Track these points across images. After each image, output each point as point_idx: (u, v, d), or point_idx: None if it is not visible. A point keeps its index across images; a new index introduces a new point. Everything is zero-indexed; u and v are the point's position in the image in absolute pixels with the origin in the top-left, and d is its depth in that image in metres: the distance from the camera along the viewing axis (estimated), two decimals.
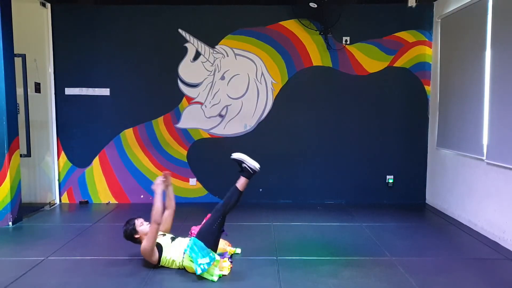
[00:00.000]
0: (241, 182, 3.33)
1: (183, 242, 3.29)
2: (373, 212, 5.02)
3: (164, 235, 3.43)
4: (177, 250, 3.23)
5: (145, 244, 3.16)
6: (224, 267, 3.19)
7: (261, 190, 5.58)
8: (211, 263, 3.02)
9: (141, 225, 3.33)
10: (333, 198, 5.57)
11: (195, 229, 3.43)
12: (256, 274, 3.17)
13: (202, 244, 3.08)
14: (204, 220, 3.35)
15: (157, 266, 3.25)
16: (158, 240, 3.28)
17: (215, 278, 3.01)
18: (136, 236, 3.30)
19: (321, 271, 3.22)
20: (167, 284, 3.01)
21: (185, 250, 3.17)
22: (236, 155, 3.36)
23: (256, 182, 5.53)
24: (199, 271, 2.99)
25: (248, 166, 3.27)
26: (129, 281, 3.03)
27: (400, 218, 4.78)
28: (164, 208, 3.48)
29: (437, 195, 5.24)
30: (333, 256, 3.56)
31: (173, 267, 3.24)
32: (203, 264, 2.99)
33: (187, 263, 3.13)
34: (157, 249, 3.22)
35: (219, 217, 3.19)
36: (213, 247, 3.12)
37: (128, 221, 3.37)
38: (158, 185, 3.36)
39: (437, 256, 3.55)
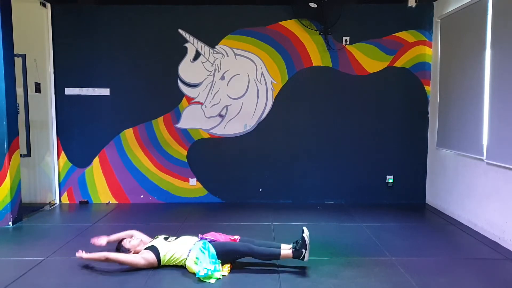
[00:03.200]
0: (286, 255, 3.19)
1: (189, 240, 3.31)
2: (373, 212, 5.02)
3: (156, 238, 3.45)
4: (183, 247, 3.24)
5: (131, 265, 3.20)
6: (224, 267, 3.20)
7: (261, 190, 5.58)
8: (214, 272, 3.05)
9: (129, 243, 3.37)
10: (333, 198, 5.57)
11: (206, 235, 3.42)
12: (256, 274, 3.17)
13: (214, 253, 3.14)
14: (228, 238, 3.39)
15: (159, 266, 3.25)
16: (150, 243, 3.33)
17: (213, 281, 3.02)
18: (132, 252, 3.33)
19: (321, 271, 3.22)
20: (167, 284, 3.01)
21: (192, 248, 3.19)
22: (307, 238, 3.16)
23: (256, 182, 5.55)
24: (201, 273, 3.00)
25: (304, 255, 3.14)
26: (129, 281, 3.03)
27: (400, 218, 4.78)
28: (123, 239, 3.47)
29: (437, 195, 5.24)
30: (333, 256, 3.55)
31: (176, 263, 3.24)
32: (207, 269, 3.03)
33: (190, 263, 3.14)
34: (152, 251, 3.24)
35: (243, 254, 3.21)
36: (223, 261, 3.20)
37: (117, 248, 3.39)
38: (87, 255, 3.27)
39: (437, 256, 3.55)
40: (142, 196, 5.56)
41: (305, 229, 3.24)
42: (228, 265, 3.23)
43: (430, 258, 3.50)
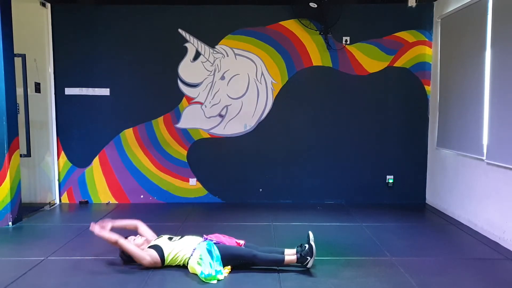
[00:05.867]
0: (290, 261, 3.18)
1: (194, 240, 3.30)
2: (373, 212, 5.02)
3: (160, 237, 3.45)
4: (187, 247, 3.23)
5: (136, 258, 3.21)
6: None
7: (261, 190, 5.58)
8: (217, 275, 3.05)
9: (133, 241, 3.36)
10: (333, 198, 5.57)
11: (211, 236, 3.41)
12: (256, 274, 3.16)
13: (219, 255, 3.13)
14: (234, 241, 3.39)
15: (162, 266, 3.24)
16: (154, 242, 3.33)
17: (214, 282, 3.02)
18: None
19: (321, 271, 3.21)
20: (167, 284, 3.01)
21: (196, 248, 3.18)
22: (314, 245, 3.16)
23: (256, 182, 5.55)
24: (206, 272, 3.00)
25: (308, 263, 3.14)
26: (129, 281, 3.03)
27: (400, 218, 4.78)
28: (134, 229, 3.52)
29: (437, 195, 5.24)
30: (333, 256, 3.55)
31: (179, 263, 3.24)
32: (214, 270, 3.04)
33: (193, 263, 3.13)
34: (156, 251, 3.23)
35: (246, 260, 3.20)
36: (226, 264, 3.19)
37: (119, 254, 3.38)
38: (100, 231, 3.29)
39: (437, 256, 3.55)
40: (142, 196, 5.56)
41: (310, 234, 3.23)
42: (229, 266, 3.22)
43: (430, 258, 3.50)
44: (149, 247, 3.29)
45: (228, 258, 3.18)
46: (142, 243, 3.38)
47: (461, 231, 4.28)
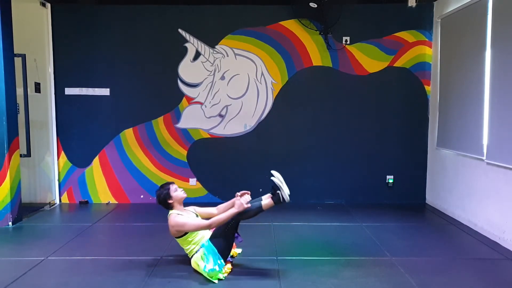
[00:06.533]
0: (268, 204, 3.19)
1: (206, 234, 3.26)
2: (373, 212, 5.02)
3: (197, 215, 3.41)
4: (201, 238, 3.21)
5: (185, 226, 3.13)
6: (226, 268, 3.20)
7: (261, 190, 5.56)
8: (219, 271, 3.04)
9: (175, 191, 3.30)
10: (333, 198, 5.57)
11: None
12: (256, 274, 3.17)
13: (214, 249, 3.11)
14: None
15: (183, 235, 3.18)
16: (189, 217, 3.25)
17: (216, 281, 3.02)
18: (170, 201, 3.28)
19: (321, 271, 3.22)
20: (167, 284, 3.01)
21: (203, 245, 3.16)
22: (276, 178, 3.18)
23: (256, 182, 5.54)
24: (208, 268, 3.01)
25: (281, 195, 3.13)
26: (129, 281, 3.03)
27: (400, 218, 4.78)
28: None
29: (437, 195, 5.24)
30: (333, 256, 3.56)
31: (187, 247, 3.19)
32: (212, 267, 3.04)
33: (198, 257, 3.12)
34: (192, 220, 3.19)
35: (232, 221, 3.14)
36: (226, 251, 3.15)
37: (162, 185, 3.33)
38: (241, 205, 3.15)
39: (437, 256, 3.55)
40: (142, 196, 5.56)
41: (273, 172, 3.23)
42: (229, 266, 3.22)
43: (430, 258, 3.50)
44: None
45: (220, 239, 3.13)
46: (180, 199, 3.32)
47: (461, 231, 4.28)
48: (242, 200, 3.17)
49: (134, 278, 3.08)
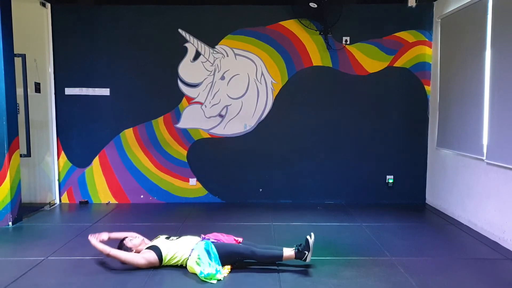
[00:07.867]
0: (289, 256, 3.20)
1: (192, 240, 3.30)
2: (373, 212, 5.02)
3: (157, 237, 3.45)
4: (185, 247, 3.23)
5: (131, 264, 3.20)
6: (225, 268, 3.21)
7: (261, 190, 5.58)
8: (216, 274, 3.05)
9: (130, 242, 3.35)
10: (333, 198, 5.57)
11: (209, 236, 3.41)
12: (256, 274, 3.16)
13: (217, 254, 3.13)
14: (232, 239, 3.39)
15: (160, 266, 3.24)
16: (152, 243, 3.33)
17: (214, 282, 3.02)
18: (134, 251, 3.32)
19: (321, 271, 3.22)
20: (167, 284, 3.01)
21: (194, 248, 3.18)
22: (311, 241, 3.16)
23: (257, 182, 5.56)
24: (205, 272, 3.01)
25: (306, 257, 3.15)
26: (129, 281, 3.03)
27: (400, 218, 4.78)
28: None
29: (437, 195, 5.24)
30: (333, 256, 3.55)
31: (177, 263, 3.23)
32: (214, 268, 3.05)
33: (191, 263, 3.13)
34: (154, 251, 3.23)
35: (244, 256, 3.20)
36: (224, 262, 3.18)
37: (118, 246, 3.35)
38: (96, 243, 3.26)
39: (437, 256, 3.55)
40: (142, 196, 5.56)
41: (312, 234, 3.24)
42: (228, 266, 3.22)
43: (430, 258, 3.50)
44: (147, 248, 3.29)
45: (227, 255, 3.18)
46: (140, 243, 3.37)
47: (461, 231, 4.28)
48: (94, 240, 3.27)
49: (134, 278, 3.08)
